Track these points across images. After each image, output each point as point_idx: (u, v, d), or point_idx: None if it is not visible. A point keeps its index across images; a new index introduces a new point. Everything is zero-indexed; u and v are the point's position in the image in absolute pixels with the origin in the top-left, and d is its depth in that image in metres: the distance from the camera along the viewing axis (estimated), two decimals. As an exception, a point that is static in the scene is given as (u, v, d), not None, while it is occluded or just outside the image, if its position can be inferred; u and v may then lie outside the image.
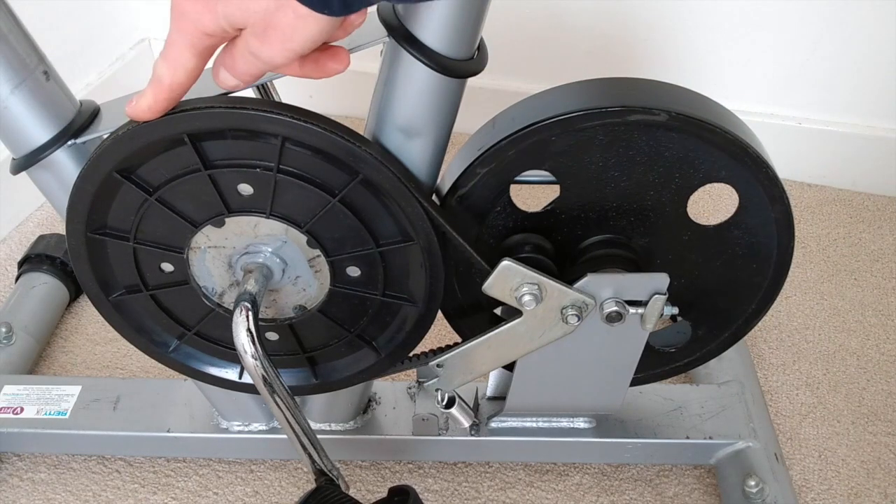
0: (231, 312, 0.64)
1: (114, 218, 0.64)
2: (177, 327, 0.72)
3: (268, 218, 0.63)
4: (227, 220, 0.64)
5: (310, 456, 0.67)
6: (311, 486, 0.68)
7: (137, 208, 0.63)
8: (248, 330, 0.62)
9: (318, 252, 0.66)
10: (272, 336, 0.73)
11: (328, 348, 0.73)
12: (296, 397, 0.88)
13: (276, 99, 0.71)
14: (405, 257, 0.67)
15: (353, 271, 0.68)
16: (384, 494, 0.89)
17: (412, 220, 0.63)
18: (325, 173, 0.61)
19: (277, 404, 0.64)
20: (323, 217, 0.64)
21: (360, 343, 0.73)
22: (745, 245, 0.70)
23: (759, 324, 0.76)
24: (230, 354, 0.74)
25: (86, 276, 0.67)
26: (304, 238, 0.65)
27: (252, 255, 0.66)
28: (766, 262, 0.70)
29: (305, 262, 0.67)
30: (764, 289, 0.72)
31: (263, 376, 0.63)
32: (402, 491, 0.68)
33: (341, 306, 0.70)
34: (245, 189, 0.62)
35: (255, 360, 0.63)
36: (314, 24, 0.45)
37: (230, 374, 0.76)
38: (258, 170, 0.61)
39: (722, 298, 0.74)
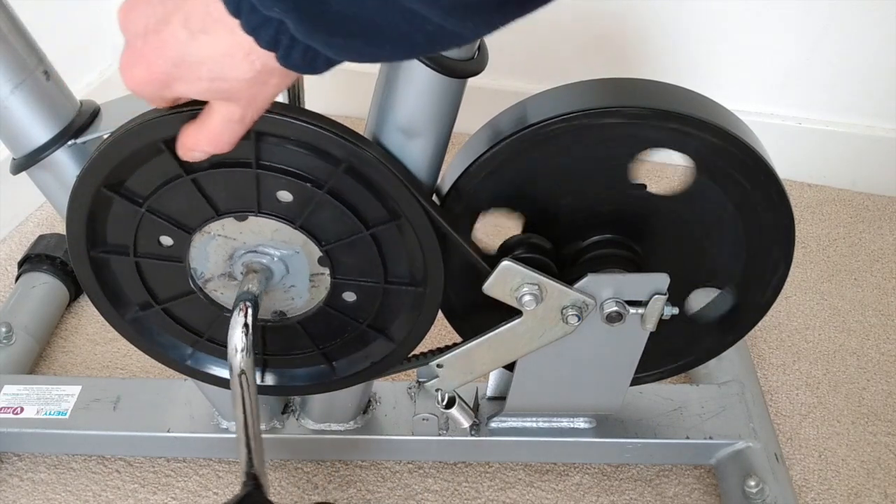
0: (209, 298, 0.67)
1: (136, 182, 0.62)
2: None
3: (294, 228, 0.64)
4: (251, 217, 0.64)
5: (250, 459, 0.66)
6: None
7: (167, 180, 0.61)
8: (245, 325, 0.63)
9: (325, 271, 0.67)
10: None
11: (288, 356, 0.74)
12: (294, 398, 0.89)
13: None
14: (403, 298, 0.68)
15: (350, 297, 0.69)
16: (383, 494, 0.90)
17: (427, 260, 0.64)
18: (367, 206, 0.62)
19: (243, 404, 0.64)
20: (348, 243, 0.64)
21: (321, 360, 0.74)
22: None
23: (759, 324, 0.76)
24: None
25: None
26: (318, 254, 0.66)
27: (259, 256, 0.66)
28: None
29: (308, 275, 0.67)
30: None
31: (243, 372, 0.63)
32: None
33: (322, 324, 0.71)
34: (284, 196, 0.62)
35: (242, 355, 0.62)
36: (289, 80, 0.45)
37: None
38: (308, 185, 0.61)
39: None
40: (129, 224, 0.64)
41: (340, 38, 0.38)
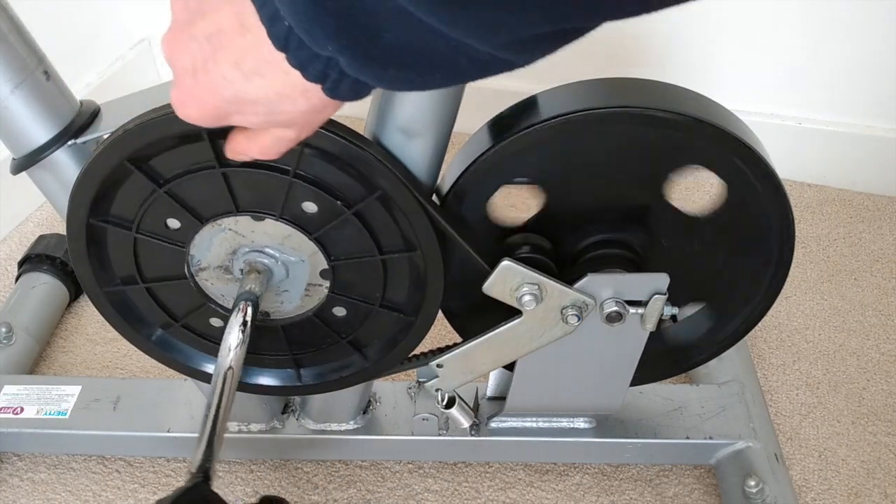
0: (198, 286, 0.67)
1: (161, 161, 0.61)
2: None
3: (309, 238, 0.64)
4: (269, 219, 0.63)
5: (207, 454, 0.65)
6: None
7: (196, 167, 0.61)
8: (244, 323, 0.63)
9: (325, 283, 0.67)
10: (216, 322, 0.72)
11: (258, 355, 0.74)
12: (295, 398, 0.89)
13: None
14: (391, 323, 0.70)
15: (340, 311, 0.70)
16: (383, 494, 0.90)
17: (427, 295, 0.66)
18: (387, 234, 0.63)
19: (220, 398, 0.64)
20: (357, 263, 0.65)
21: (290, 365, 0.74)
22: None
23: (759, 324, 0.76)
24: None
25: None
26: (323, 267, 0.66)
27: (263, 257, 0.66)
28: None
29: (305, 284, 0.68)
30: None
31: (230, 368, 0.63)
32: (276, 500, 0.68)
33: (303, 332, 0.71)
34: (309, 207, 0.62)
35: (234, 353, 0.62)
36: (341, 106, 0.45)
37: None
38: (338, 203, 0.61)
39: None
40: (139, 200, 0.63)
41: (392, 71, 0.37)
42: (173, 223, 0.64)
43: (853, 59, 1.23)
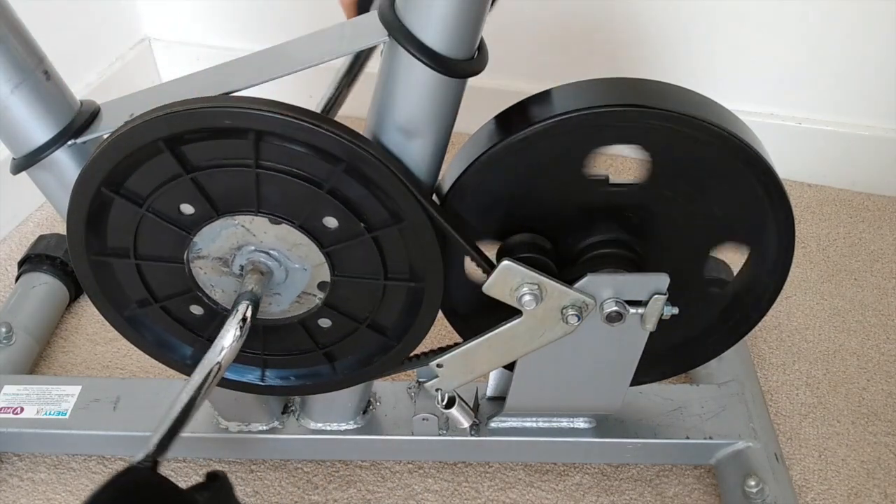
0: (190, 272, 0.67)
1: (192, 149, 0.61)
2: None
3: (320, 250, 0.64)
4: (286, 225, 0.63)
5: (162, 444, 0.63)
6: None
7: (228, 163, 0.60)
8: (243, 320, 0.62)
9: (320, 295, 0.68)
10: (196, 310, 0.72)
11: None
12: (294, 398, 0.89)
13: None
14: (372, 343, 0.71)
15: (325, 323, 0.70)
16: (383, 494, 0.90)
17: (416, 326, 0.68)
18: (398, 261, 0.64)
19: (196, 392, 0.62)
20: (359, 282, 0.66)
21: (259, 364, 0.74)
22: None
23: (759, 324, 0.76)
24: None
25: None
26: (324, 280, 0.66)
27: (269, 259, 0.66)
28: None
29: (300, 291, 0.68)
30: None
31: (219, 364, 0.63)
32: (218, 476, 0.65)
33: (282, 335, 0.72)
34: (330, 223, 0.63)
35: (226, 350, 0.62)
36: None
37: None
38: (361, 225, 0.62)
39: None
40: (158, 180, 0.62)
41: None
42: (187, 209, 0.63)
43: (853, 59, 1.23)
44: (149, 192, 0.62)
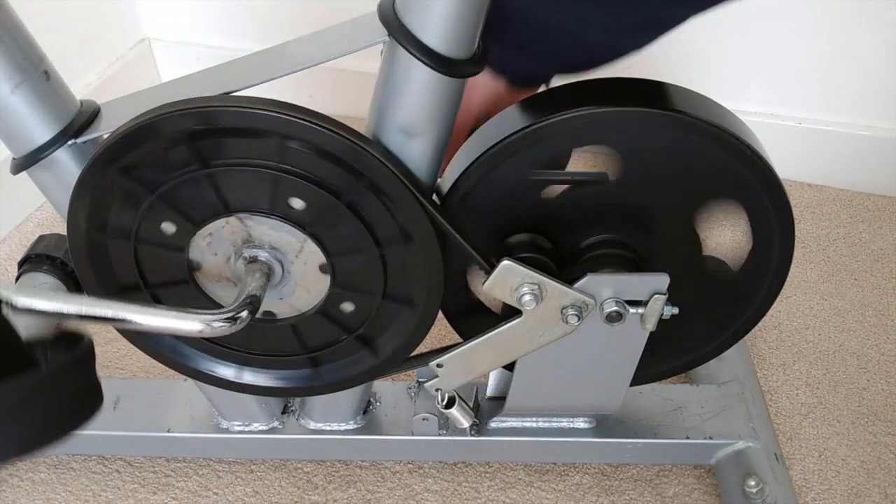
0: (188, 260, 0.67)
1: (213, 143, 0.60)
2: None
3: (326, 259, 0.65)
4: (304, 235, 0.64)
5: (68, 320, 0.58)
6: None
7: (253, 163, 0.60)
8: (246, 317, 0.62)
9: (317, 302, 0.68)
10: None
11: (211, 343, 0.74)
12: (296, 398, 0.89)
13: None
14: (358, 355, 0.72)
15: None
16: (383, 494, 0.90)
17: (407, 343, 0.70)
18: (402, 282, 0.66)
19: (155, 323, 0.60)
20: (359, 293, 0.67)
21: (239, 360, 0.75)
22: None
23: (759, 324, 0.76)
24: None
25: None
26: (323, 263, 0.66)
27: (271, 256, 0.66)
28: None
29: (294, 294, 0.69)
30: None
31: (201, 334, 0.61)
32: (81, 339, 0.55)
33: (269, 335, 0.72)
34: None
35: (210, 327, 0.61)
36: None
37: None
38: (373, 245, 0.64)
39: None
40: (171, 170, 0.61)
41: None
42: (195, 203, 0.63)
43: (853, 59, 1.23)
44: (160, 182, 0.62)
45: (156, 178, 0.62)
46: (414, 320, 0.69)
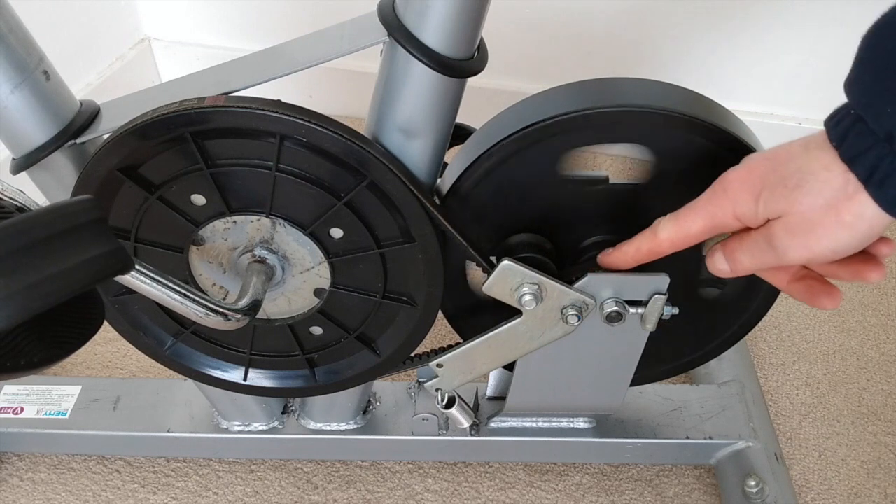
0: (184, 256, 0.66)
1: (221, 144, 0.60)
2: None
3: (326, 259, 0.65)
4: (307, 237, 0.64)
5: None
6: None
7: (258, 164, 0.61)
8: (226, 313, 0.61)
9: (314, 302, 0.68)
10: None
11: (211, 342, 0.74)
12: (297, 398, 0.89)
13: None
14: (356, 355, 0.72)
15: (316, 330, 0.71)
16: (383, 494, 0.90)
17: (405, 344, 0.70)
18: (402, 281, 0.66)
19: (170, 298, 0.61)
20: (359, 304, 0.67)
21: (236, 358, 0.75)
22: None
23: (759, 324, 0.76)
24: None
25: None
26: (322, 288, 0.67)
27: (279, 263, 0.66)
28: None
29: (292, 294, 0.69)
30: None
31: (213, 312, 0.61)
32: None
33: (266, 336, 0.72)
34: (336, 233, 0.63)
35: (212, 317, 0.60)
36: (861, 227, 0.42)
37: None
38: (374, 247, 0.64)
39: None
40: (179, 165, 0.61)
41: None
42: (198, 199, 0.63)
43: (852, 59, 1.23)
44: (163, 180, 0.62)
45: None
46: (414, 320, 0.69)
